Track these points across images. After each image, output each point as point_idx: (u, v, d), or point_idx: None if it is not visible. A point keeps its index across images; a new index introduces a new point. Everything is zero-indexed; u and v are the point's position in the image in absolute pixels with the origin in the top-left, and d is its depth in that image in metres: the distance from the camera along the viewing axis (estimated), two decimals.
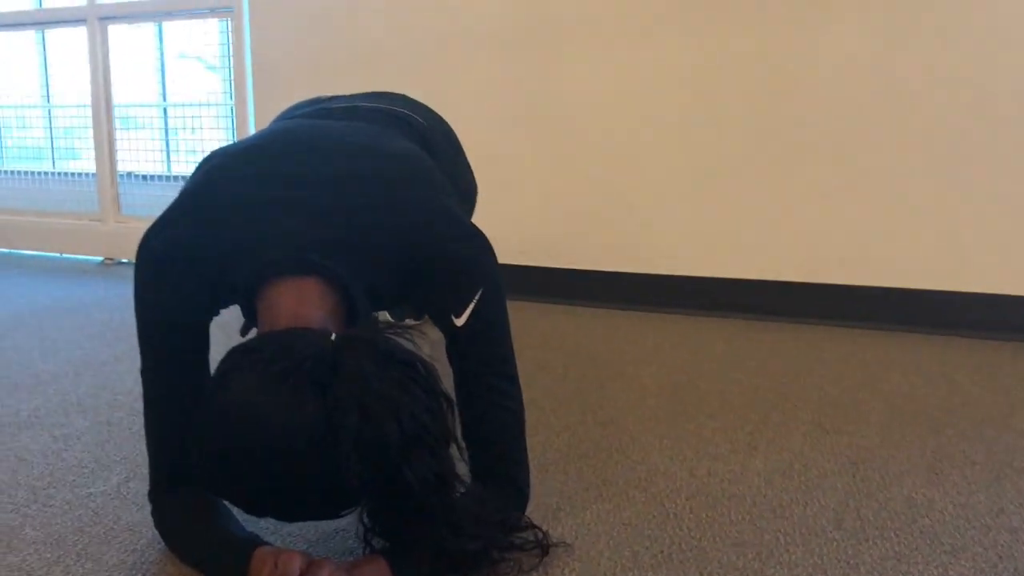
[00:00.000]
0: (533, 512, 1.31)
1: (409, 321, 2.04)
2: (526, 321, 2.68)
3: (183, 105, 3.74)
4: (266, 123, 3.27)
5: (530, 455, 1.57)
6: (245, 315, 1.19)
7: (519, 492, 1.26)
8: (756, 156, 2.66)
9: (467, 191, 1.84)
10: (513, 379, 1.28)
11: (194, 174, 1.25)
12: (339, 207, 1.17)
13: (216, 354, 1.09)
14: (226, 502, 1.16)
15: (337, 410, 0.92)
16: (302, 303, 1.09)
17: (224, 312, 1.23)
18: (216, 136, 3.67)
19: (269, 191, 1.17)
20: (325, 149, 1.25)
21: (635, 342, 2.44)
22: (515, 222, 3.00)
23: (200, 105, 3.69)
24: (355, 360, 0.97)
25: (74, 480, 1.50)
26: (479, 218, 2.89)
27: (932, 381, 2.06)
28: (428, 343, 1.08)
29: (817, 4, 2.52)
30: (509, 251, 2.99)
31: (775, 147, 2.63)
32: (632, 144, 2.80)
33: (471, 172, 1.88)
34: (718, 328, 2.59)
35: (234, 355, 0.99)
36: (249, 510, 0.99)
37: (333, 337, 1.00)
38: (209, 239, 1.16)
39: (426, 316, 1.27)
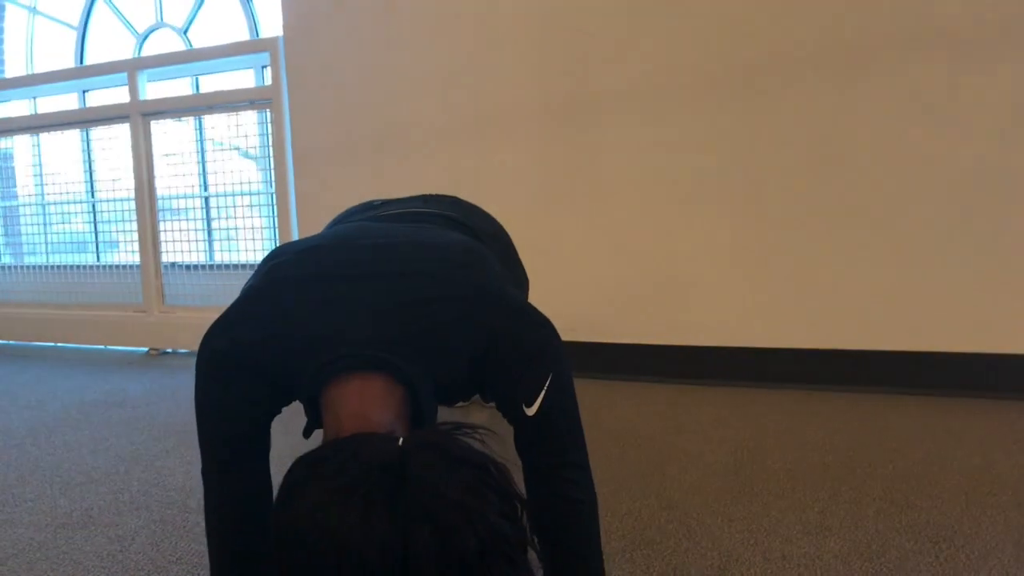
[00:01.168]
0: None
1: (460, 404, 1.99)
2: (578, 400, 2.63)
3: (224, 195, 3.78)
4: (307, 209, 3.32)
5: None
6: (308, 415, 1.16)
7: None
8: (809, 223, 2.62)
9: (522, 287, 1.82)
10: (585, 468, 1.24)
11: (256, 273, 1.24)
12: (401, 302, 1.15)
13: (274, 451, 1.07)
14: None
15: (409, 523, 0.88)
16: (366, 403, 1.07)
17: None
18: (256, 223, 3.71)
19: (330, 289, 1.16)
20: (385, 247, 1.24)
21: (693, 418, 2.38)
22: (562, 300, 2.96)
23: (240, 194, 3.73)
24: (425, 467, 0.92)
25: None
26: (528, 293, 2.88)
27: (1009, 451, 1.98)
28: (498, 440, 1.04)
29: (858, 73, 2.51)
30: (560, 328, 2.96)
31: (827, 214, 2.60)
32: (677, 217, 2.78)
33: (522, 268, 1.86)
34: (777, 400, 2.53)
35: (299, 468, 0.96)
36: None
37: (400, 442, 0.97)
38: (271, 339, 1.14)
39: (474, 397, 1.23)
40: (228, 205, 3.79)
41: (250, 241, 3.71)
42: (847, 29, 2.52)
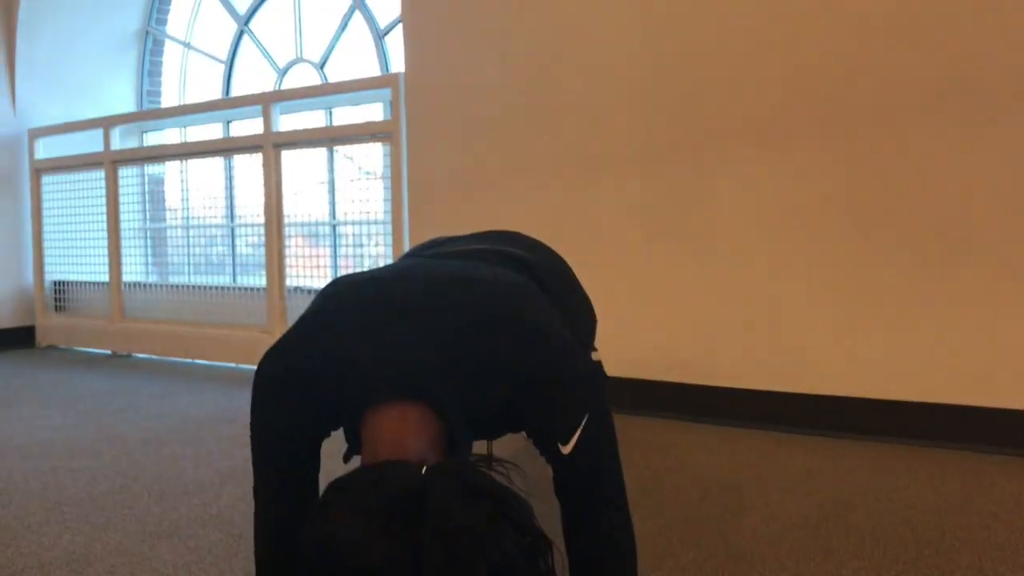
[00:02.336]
0: None
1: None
2: (664, 442, 2.59)
3: (349, 223, 3.93)
4: (420, 239, 3.41)
5: None
6: (348, 441, 1.20)
7: None
8: (913, 272, 2.51)
9: (581, 326, 1.80)
10: (623, 509, 1.22)
11: (314, 301, 1.29)
12: (445, 335, 1.17)
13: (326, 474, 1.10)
14: None
15: (423, 547, 0.90)
16: (401, 431, 1.09)
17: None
18: (377, 252, 3.83)
19: (379, 320, 1.19)
20: (437, 280, 1.26)
21: (781, 467, 2.30)
22: (659, 338, 2.94)
23: (364, 223, 3.86)
24: (443, 494, 0.94)
25: None
26: (623, 336, 2.87)
27: None
28: (524, 477, 1.05)
29: (978, 117, 2.40)
30: (653, 368, 2.94)
31: (937, 263, 2.48)
32: (779, 258, 2.71)
33: (587, 303, 1.85)
34: (876, 454, 2.41)
35: (328, 491, 1.00)
36: None
37: (424, 470, 0.99)
38: (320, 366, 1.18)
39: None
40: (354, 233, 3.94)
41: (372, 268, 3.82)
42: (970, 69, 2.41)
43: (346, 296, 1.26)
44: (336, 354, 1.18)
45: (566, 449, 1.16)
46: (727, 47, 2.77)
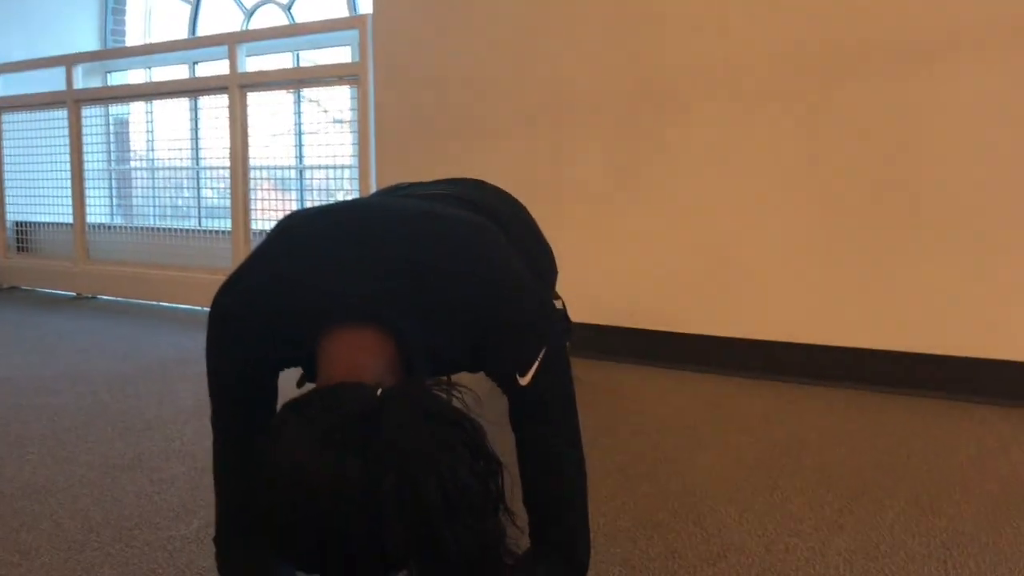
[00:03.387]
0: None
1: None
2: (626, 386, 2.64)
3: (316, 168, 3.91)
4: (387, 182, 3.40)
5: (603, 520, 1.56)
6: (304, 367, 1.22)
7: (577, 564, 1.22)
8: (871, 222, 2.56)
9: (541, 274, 1.82)
10: (575, 443, 1.25)
11: (269, 233, 1.30)
12: (402, 265, 1.18)
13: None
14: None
15: (376, 468, 0.92)
16: (357, 354, 1.10)
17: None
18: (344, 197, 3.82)
19: (335, 249, 1.20)
20: (394, 213, 1.28)
21: (739, 410, 2.36)
22: (624, 285, 2.98)
23: (331, 168, 3.84)
24: (397, 417, 0.96)
25: (159, 523, 1.57)
26: (588, 282, 2.90)
27: None
28: (480, 403, 1.07)
29: (932, 64, 2.43)
30: (618, 313, 2.98)
31: (898, 212, 2.53)
32: (740, 207, 2.74)
33: (548, 253, 1.87)
34: (830, 398, 2.48)
35: (283, 411, 1.01)
36: (299, 566, 1.00)
37: (379, 392, 1.01)
38: (275, 295, 1.19)
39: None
40: (321, 177, 3.92)
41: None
42: (934, 21, 2.43)
43: (301, 227, 1.27)
44: (290, 282, 1.19)
45: (523, 380, 1.19)
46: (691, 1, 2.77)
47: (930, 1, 2.43)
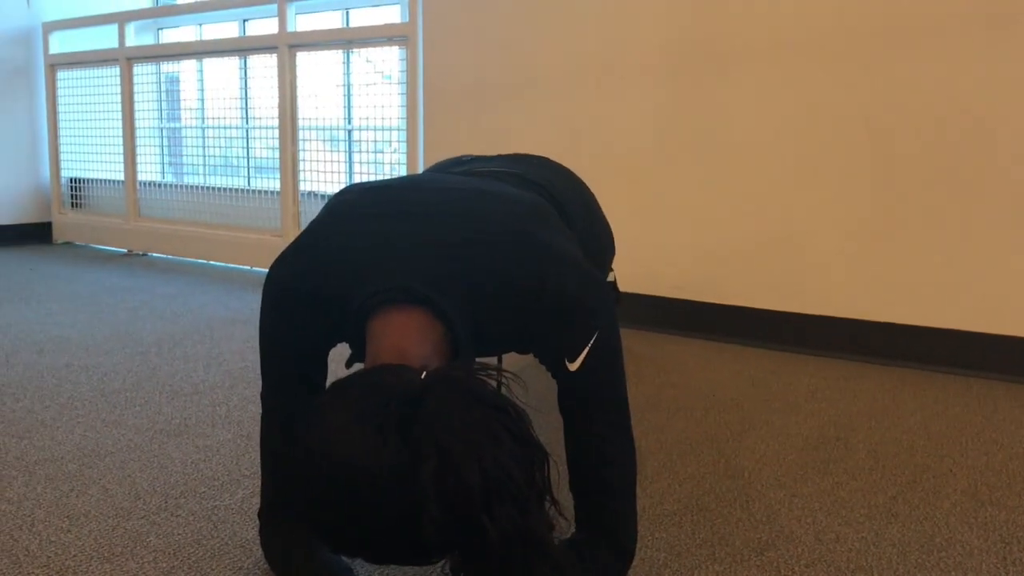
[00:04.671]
0: (638, 566, 1.27)
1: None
2: (671, 358, 2.61)
3: (364, 128, 3.88)
4: (434, 147, 3.39)
5: (648, 503, 1.54)
6: (352, 347, 1.20)
7: (623, 551, 1.21)
8: (933, 197, 2.47)
9: (599, 254, 1.79)
10: (626, 429, 1.23)
11: (325, 207, 1.29)
12: (456, 245, 1.16)
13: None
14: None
15: (416, 451, 0.91)
16: (403, 336, 1.09)
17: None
18: (393, 159, 3.81)
19: (388, 226, 1.18)
20: (452, 192, 1.26)
21: (788, 387, 2.32)
22: (672, 255, 2.93)
23: (381, 129, 3.82)
24: (441, 401, 0.95)
25: (204, 491, 1.58)
26: (635, 251, 2.86)
27: None
28: (525, 389, 1.05)
29: (999, 36, 2.32)
30: (664, 284, 2.94)
31: (954, 188, 2.44)
32: (796, 176, 2.67)
33: (608, 235, 1.83)
34: (882, 377, 2.42)
35: (329, 391, 1.00)
36: (335, 547, 1.00)
37: (423, 375, 0.99)
38: (329, 271, 1.18)
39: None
40: (369, 139, 3.90)
41: (388, 175, 3.81)
42: None
43: (357, 203, 1.25)
44: (343, 260, 1.18)
45: (573, 366, 1.17)
46: None
47: None
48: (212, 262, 4.36)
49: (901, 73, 2.48)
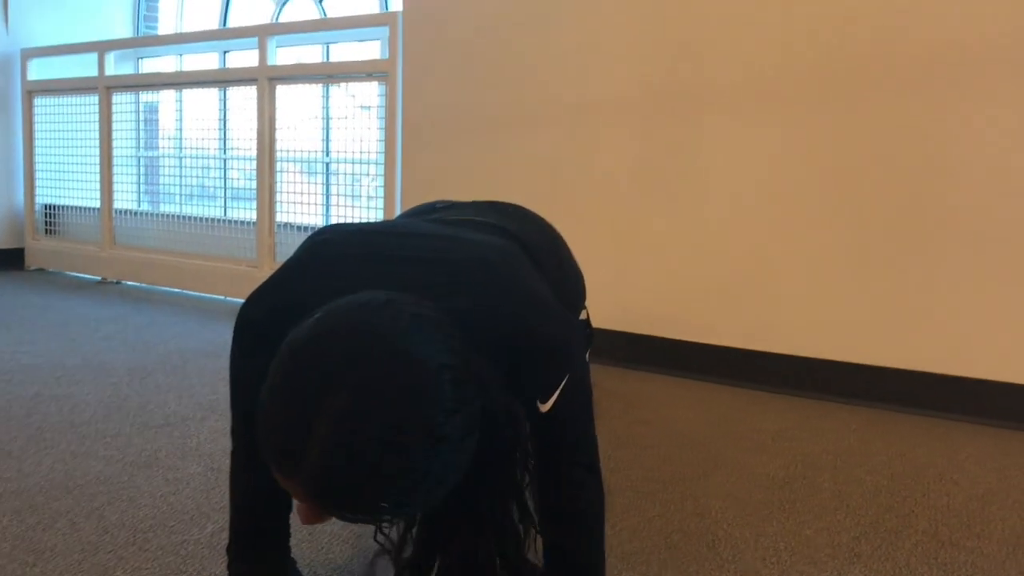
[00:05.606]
0: None
1: None
2: (641, 394, 2.63)
3: (342, 161, 3.90)
4: (412, 182, 3.41)
5: (616, 541, 1.55)
6: None
7: None
8: (900, 240, 2.52)
9: (568, 303, 1.80)
10: (594, 469, 1.25)
11: (300, 247, 1.30)
12: (427, 287, 1.17)
13: None
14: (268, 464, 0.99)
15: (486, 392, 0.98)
16: None
17: None
18: (370, 191, 3.82)
19: (363, 268, 1.20)
20: (426, 236, 1.28)
21: (756, 426, 2.34)
22: (645, 292, 2.96)
23: (359, 161, 3.84)
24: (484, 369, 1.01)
25: (173, 525, 1.58)
26: (608, 288, 2.89)
27: None
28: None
29: (964, 82, 2.39)
30: (637, 321, 2.97)
31: (920, 231, 2.49)
32: (769, 220, 2.72)
33: (580, 284, 1.84)
34: (848, 416, 2.46)
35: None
36: (284, 469, 0.90)
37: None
38: (302, 310, 1.19)
39: None
40: (347, 171, 3.92)
41: (365, 210, 3.83)
42: (969, 37, 2.39)
43: (333, 244, 1.26)
44: (316, 301, 1.19)
45: (545, 407, 1.18)
46: (726, 2, 2.74)
47: (969, 16, 2.39)
48: (186, 291, 4.35)
49: (868, 117, 2.54)
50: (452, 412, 0.90)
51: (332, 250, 1.25)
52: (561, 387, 1.18)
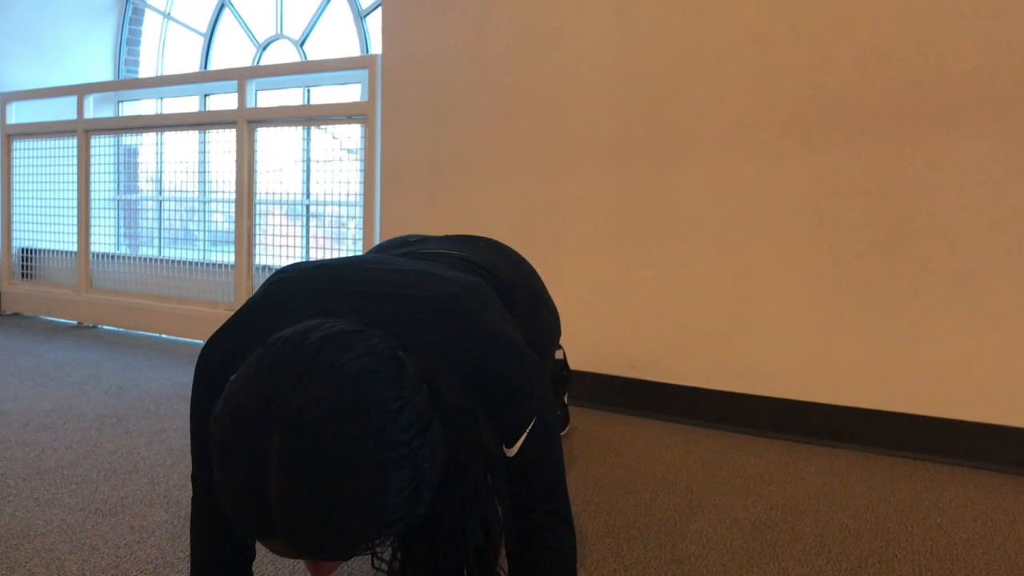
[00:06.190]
0: None
1: None
2: (621, 438, 2.60)
3: (322, 203, 3.88)
4: (391, 224, 3.40)
5: None
6: None
7: None
8: (878, 281, 2.52)
9: (542, 337, 1.77)
10: (563, 516, 1.21)
11: (262, 285, 1.27)
12: (391, 324, 1.14)
13: None
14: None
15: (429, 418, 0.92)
16: None
17: None
18: (350, 234, 3.81)
19: (326, 305, 1.17)
20: (392, 272, 1.25)
21: (736, 469, 2.31)
22: (623, 336, 2.94)
23: (339, 204, 3.82)
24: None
25: (136, 575, 1.53)
26: (587, 330, 2.87)
27: None
28: None
29: (945, 122, 2.40)
30: (617, 364, 2.94)
31: (899, 272, 2.49)
32: (746, 261, 2.71)
33: (553, 320, 1.82)
34: (830, 460, 2.43)
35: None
36: (241, 507, 0.86)
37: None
38: None
39: None
40: (327, 214, 3.90)
41: (347, 252, 3.81)
42: (940, 78, 2.41)
43: (294, 281, 1.24)
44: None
45: (511, 451, 1.15)
46: (701, 48, 2.76)
47: (937, 61, 2.41)
48: (164, 335, 4.30)
49: (844, 161, 2.54)
50: (394, 413, 0.87)
51: (292, 287, 1.22)
52: (528, 430, 1.15)
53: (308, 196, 3.96)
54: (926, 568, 1.67)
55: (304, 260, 1.43)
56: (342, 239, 3.91)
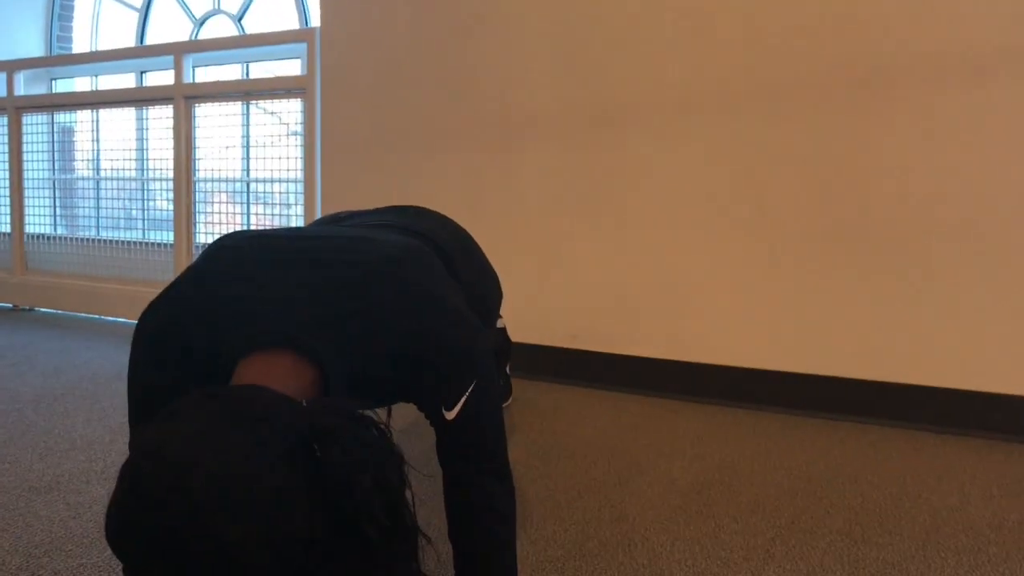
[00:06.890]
0: None
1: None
2: (560, 406, 2.62)
3: (262, 181, 3.84)
4: (332, 200, 3.37)
5: (532, 549, 1.53)
6: None
7: None
8: (810, 249, 2.57)
9: (484, 299, 1.77)
10: (504, 477, 1.22)
11: (201, 255, 1.26)
12: (328, 288, 1.15)
13: None
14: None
15: (340, 465, 0.86)
16: (272, 379, 1.06)
17: None
18: (292, 211, 3.77)
19: (262, 270, 1.17)
20: (327, 239, 1.25)
21: (673, 433, 2.35)
22: (566, 305, 2.96)
23: (279, 181, 3.78)
24: (336, 421, 0.90)
25: (71, 549, 1.51)
26: (528, 302, 2.89)
27: (989, 495, 1.91)
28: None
29: (879, 95, 2.45)
30: (558, 335, 2.96)
31: (830, 241, 2.54)
32: (685, 232, 2.74)
33: (493, 282, 1.82)
34: (764, 423, 2.48)
35: (190, 396, 0.92)
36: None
37: (304, 402, 0.96)
38: (197, 318, 1.15)
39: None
40: (267, 191, 3.86)
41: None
42: (871, 52, 2.46)
43: (231, 249, 1.23)
44: (215, 308, 1.15)
45: (450, 415, 1.16)
46: (642, 21, 2.77)
47: (873, 30, 2.45)
48: (103, 317, 4.23)
49: (782, 131, 2.58)
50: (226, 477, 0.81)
51: (230, 255, 1.21)
52: (467, 394, 1.16)
53: (248, 174, 3.91)
54: (856, 522, 1.72)
55: (243, 229, 1.42)
56: (285, 217, 3.87)
